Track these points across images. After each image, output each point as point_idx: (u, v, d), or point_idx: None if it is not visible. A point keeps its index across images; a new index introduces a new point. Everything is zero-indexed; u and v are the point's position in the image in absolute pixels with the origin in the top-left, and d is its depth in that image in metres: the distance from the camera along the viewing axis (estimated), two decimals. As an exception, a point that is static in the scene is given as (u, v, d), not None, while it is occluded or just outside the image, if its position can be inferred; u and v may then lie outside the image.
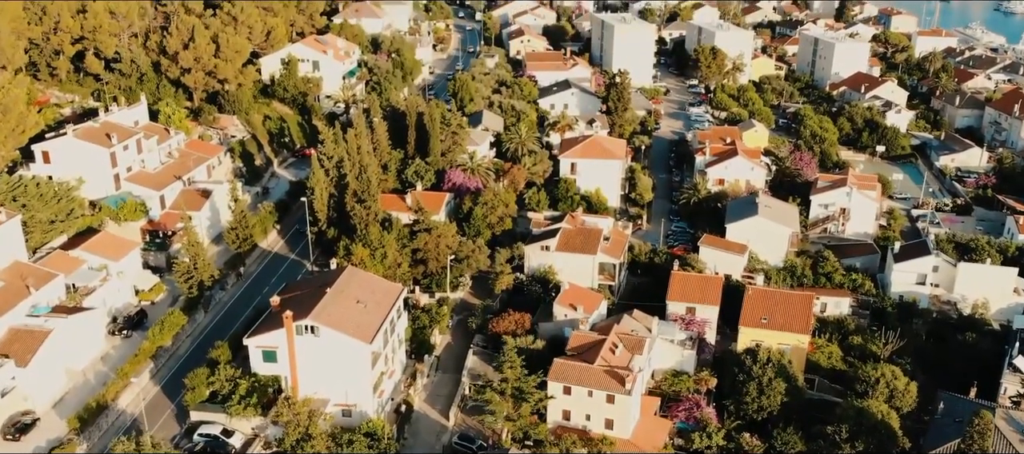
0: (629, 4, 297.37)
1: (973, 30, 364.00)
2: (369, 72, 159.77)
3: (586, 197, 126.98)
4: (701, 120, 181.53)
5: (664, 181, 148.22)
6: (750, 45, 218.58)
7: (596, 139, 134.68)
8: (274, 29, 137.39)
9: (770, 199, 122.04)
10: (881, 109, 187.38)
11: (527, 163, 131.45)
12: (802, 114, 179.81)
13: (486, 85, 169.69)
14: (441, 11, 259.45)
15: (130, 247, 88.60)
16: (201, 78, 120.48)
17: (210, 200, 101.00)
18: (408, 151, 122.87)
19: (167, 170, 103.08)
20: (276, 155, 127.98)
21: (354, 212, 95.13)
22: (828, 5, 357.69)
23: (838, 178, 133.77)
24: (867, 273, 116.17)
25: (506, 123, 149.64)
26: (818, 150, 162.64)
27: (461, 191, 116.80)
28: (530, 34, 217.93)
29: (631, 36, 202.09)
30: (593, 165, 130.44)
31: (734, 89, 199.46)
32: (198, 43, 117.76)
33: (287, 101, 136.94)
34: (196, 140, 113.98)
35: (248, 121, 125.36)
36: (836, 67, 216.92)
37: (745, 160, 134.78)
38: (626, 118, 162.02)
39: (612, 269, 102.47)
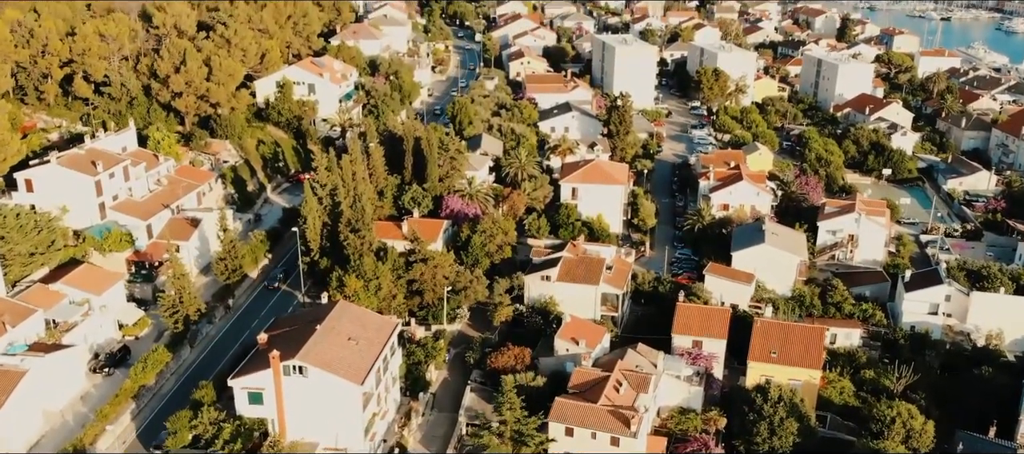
0: (630, 25, 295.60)
1: (975, 50, 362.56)
2: (366, 95, 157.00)
3: (587, 223, 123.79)
4: (704, 143, 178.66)
5: (667, 206, 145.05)
6: (753, 66, 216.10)
7: (597, 164, 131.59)
8: (269, 52, 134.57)
9: (777, 226, 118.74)
10: (887, 131, 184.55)
11: (527, 188, 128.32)
12: (807, 137, 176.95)
13: (485, 108, 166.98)
14: (441, 32, 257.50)
15: (113, 280, 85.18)
16: (193, 102, 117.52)
17: (199, 229, 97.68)
18: (405, 176, 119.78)
19: (155, 198, 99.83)
20: (269, 181, 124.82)
21: (348, 242, 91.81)
22: (829, 24, 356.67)
23: (846, 204, 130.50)
24: (877, 302, 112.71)
25: (506, 147, 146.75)
26: (824, 174, 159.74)
27: (459, 218, 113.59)
28: (530, 56, 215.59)
29: (632, 58, 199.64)
30: (594, 190, 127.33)
31: (737, 111, 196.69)
32: (190, 66, 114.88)
33: (281, 125, 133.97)
34: (186, 166, 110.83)
35: (241, 146, 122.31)
36: (840, 88, 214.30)
37: (750, 185, 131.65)
38: (628, 141, 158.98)
39: (615, 300, 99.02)
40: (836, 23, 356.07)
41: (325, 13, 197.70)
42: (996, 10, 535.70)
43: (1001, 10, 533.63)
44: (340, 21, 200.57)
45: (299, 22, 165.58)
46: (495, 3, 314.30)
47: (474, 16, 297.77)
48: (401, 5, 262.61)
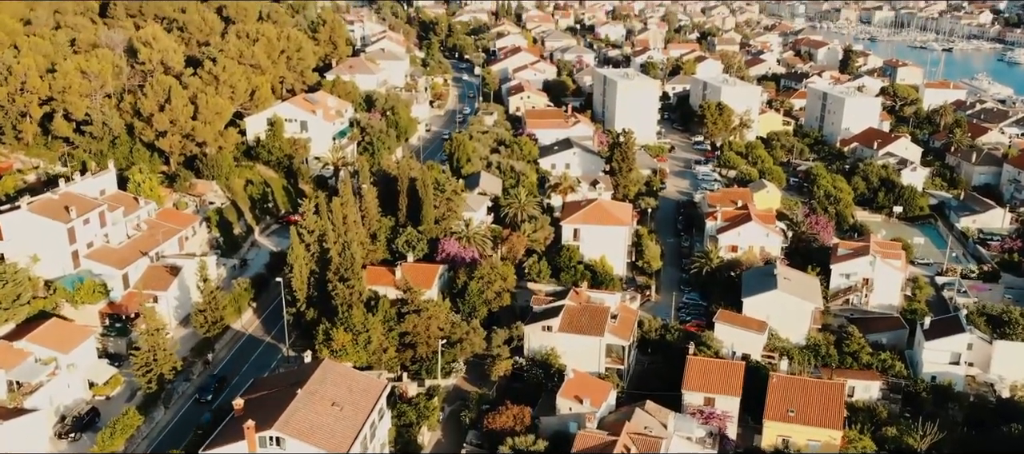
0: (631, 58, 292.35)
1: (979, 81, 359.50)
2: (361, 132, 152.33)
3: (590, 266, 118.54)
4: (709, 179, 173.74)
5: (672, 246, 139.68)
6: (757, 100, 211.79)
7: (600, 203, 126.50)
8: (259, 88, 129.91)
9: (789, 270, 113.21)
10: (896, 167, 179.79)
11: (527, 230, 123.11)
12: (814, 173, 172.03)
13: (484, 144, 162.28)
14: (439, 66, 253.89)
15: (84, 335, 79.52)
16: (177, 141, 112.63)
17: (179, 277, 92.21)
18: (399, 218, 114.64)
19: (133, 245, 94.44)
20: (258, 222, 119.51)
21: (336, 292, 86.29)
22: (832, 56, 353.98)
23: (860, 245, 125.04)
24: (895, 350, 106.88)
25: (505, 185, 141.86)
26: (833, 212, 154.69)
27: (456, 262, 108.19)
28: (530, 90, 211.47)
29: (634, 92, 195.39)
30: (597, 231, 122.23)
31: (742, 146, 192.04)
32: (175, 104, 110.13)
33: (272, 164, 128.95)
34: (169, 209, 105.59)
35: (228, 186, 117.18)
36: (846, 122, 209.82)
37: (759, 226, 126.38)
38: (631, 179, 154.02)
39: (621, 351, 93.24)
40: (838, 55, 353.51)
41: (321, 47, 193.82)
42: (998, 41, 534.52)
43: (1002, 40, 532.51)
44: (336, 55, 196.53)
45: (293, 57, 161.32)
46: (495, 36, 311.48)
47: (473, 49, 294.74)
48: (399, 39, 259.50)
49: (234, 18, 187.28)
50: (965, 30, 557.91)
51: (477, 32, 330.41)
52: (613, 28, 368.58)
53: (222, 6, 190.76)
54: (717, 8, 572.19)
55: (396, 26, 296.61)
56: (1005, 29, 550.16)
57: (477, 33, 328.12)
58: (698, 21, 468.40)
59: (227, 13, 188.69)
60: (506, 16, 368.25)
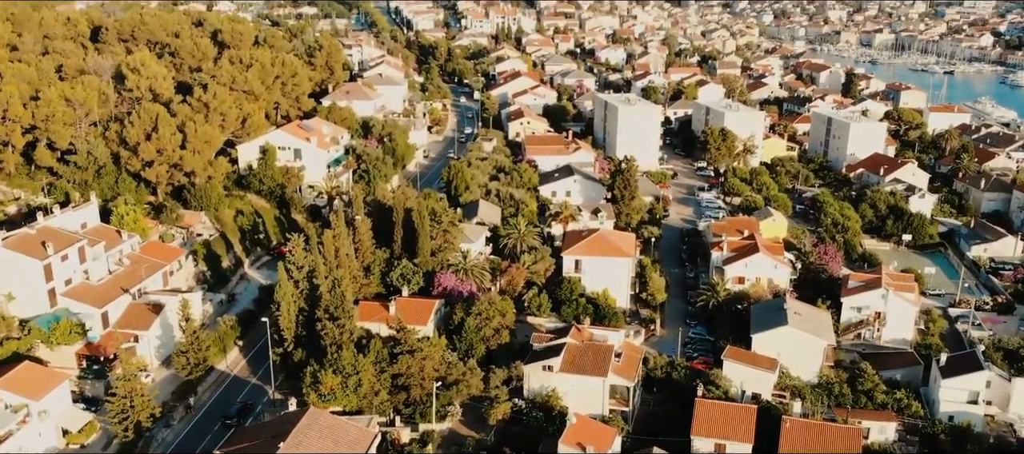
0: (631, 82, 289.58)
1: (983, 104, 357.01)
2: (357, 159, 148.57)
3: (592, 299, 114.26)
4: (713, 206, 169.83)
5: (676, 276, 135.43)
6: (761, 126, 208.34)
7: (602, 234, 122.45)
8: (251, 116, 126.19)
9: (799, 304, 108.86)
10: (904, 194, 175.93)
11: (526, 261, 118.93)
12: (821, 200, 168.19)
13: (483, 171, 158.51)
14: (438, 91, 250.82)
15: (57, 381, 75.07)
16: (164, 171, 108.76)
17: (161, 315, 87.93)
18: (394, 250, 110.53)
19: (113, 281, 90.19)
20: (248, 254, 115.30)
21: (325, 331, 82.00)
22: (834, 79, 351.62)
23: (871, 277, 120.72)
24: (909, 388, 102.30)
25: (504, 214, 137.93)
26: (841, 240, 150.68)
27: (453, 297, 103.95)
28: (530, 115, 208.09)
29: (636, 118, 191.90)
30: (599, 263, 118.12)
31: (746, 172, 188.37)
32: (162, 133, 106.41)
33: (264, 193, 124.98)
34: (154, 242, 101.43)
35: (217, 217, 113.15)
36: (852, 148, 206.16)
37: (767, 257, 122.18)
38: (633, 207, 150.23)
39: (626, 392, 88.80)
40: (841, 78, 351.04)
41: (317, 72, 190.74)
42: (999, 63, 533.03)
43: (1004, 63, 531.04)
44: (333, 80, 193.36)
45: (288, 83, 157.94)
46: (494, 60, 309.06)
47: (473, 73, 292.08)
48: (398, 63, 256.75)
49: (229, 43, 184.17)
50: (966, 53, 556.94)
51: (477, 56, 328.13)
52: (613, 52, 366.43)
53: (217, 31, 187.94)
54: (717, 31, 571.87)
55: (395, 50, 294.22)
56: (1006, 51, 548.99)
57: (477, 57, 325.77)
58: (699, 44, 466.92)
59: (222, 38, 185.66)
60: (506, 40, 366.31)
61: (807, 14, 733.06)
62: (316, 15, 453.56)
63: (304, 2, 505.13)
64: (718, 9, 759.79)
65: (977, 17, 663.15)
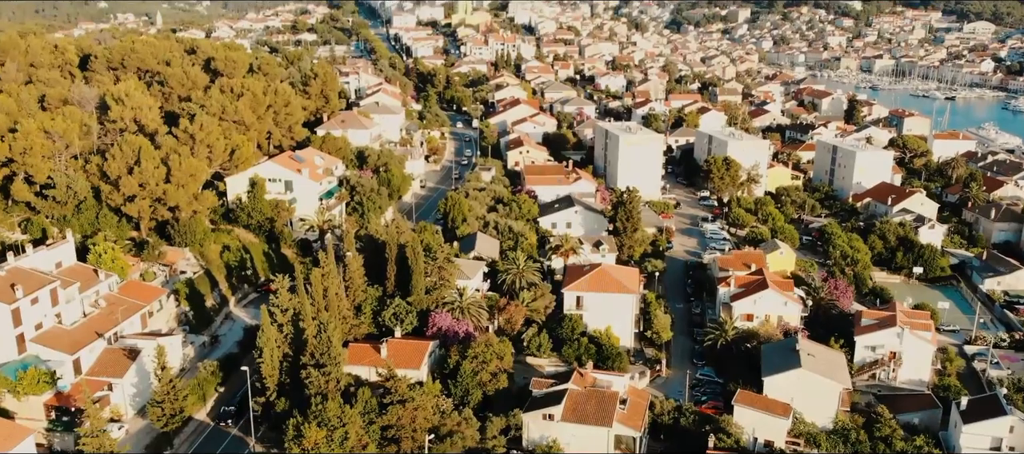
0: (632, 110, 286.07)
1: (986, 131, 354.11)
2: (350, 191, 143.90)
3: (594, 337, 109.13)
4: (717, 237, 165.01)
5: (681, 312, 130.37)
6: (765, 155, 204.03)
7: (605, 269, 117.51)
8: (239, 147, 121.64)
9: (812, 345, 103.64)
10: (913, 225, 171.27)
11: (526, 298, 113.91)
12: (829, 232, 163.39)
13: (481, 203, 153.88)
14: (436, 119, 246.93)
15: (22, 436, 69.34)
16: (147, 206, 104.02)
17: (138, 361, 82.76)
18: (387, 288, 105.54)
19: (87, 325, 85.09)
20: (234, 292, 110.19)
21: (310, 380, 76.84)
22: (836, 106, 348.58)
23: (885, 315, 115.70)
24: (928, 432, 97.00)
25: (503, 247, 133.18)
26: (850, 274, 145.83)
27: (448, 337, 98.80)
28: (529, 144, 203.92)
29: (637, 148, 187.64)
30: (602, 300, 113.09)
31: (750, 202, 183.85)
32: (145, 166, 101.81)
33: (252, 227, 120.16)
34: (134, 282, 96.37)
35: (202, 254, 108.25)
36: (858, 177, 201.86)
37: (777, 293, 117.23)
38: (636, 239, 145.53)
39: (631, 443, 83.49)
40: (843, 105, 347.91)
41: (312, 101, 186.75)
42: (1000, 89, 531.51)
43: (1005, 89, 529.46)
44: (328, 109, 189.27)
45: (280, 112, 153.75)
46: (493, 88, 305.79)
47: (471, 101, 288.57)
48: (395, 91, 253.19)
49: (222, 71, 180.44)
50: (967, 78, 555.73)
51: (476, 83, 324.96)
52: (613, 79, 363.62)
53: (210, 59, 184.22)
54: (717, 58, 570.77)
55: (393, 78, 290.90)
56: (1007, 77, 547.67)
57: (476, 84, 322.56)
58: (699, 71, 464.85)
59: (215, 66, 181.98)
60: (505, 67, 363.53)
61: (806, 40, 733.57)
62: (315, 42, 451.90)
63: (304, 29, 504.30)
64: (717, 35, 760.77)
65: (977, 42, 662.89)
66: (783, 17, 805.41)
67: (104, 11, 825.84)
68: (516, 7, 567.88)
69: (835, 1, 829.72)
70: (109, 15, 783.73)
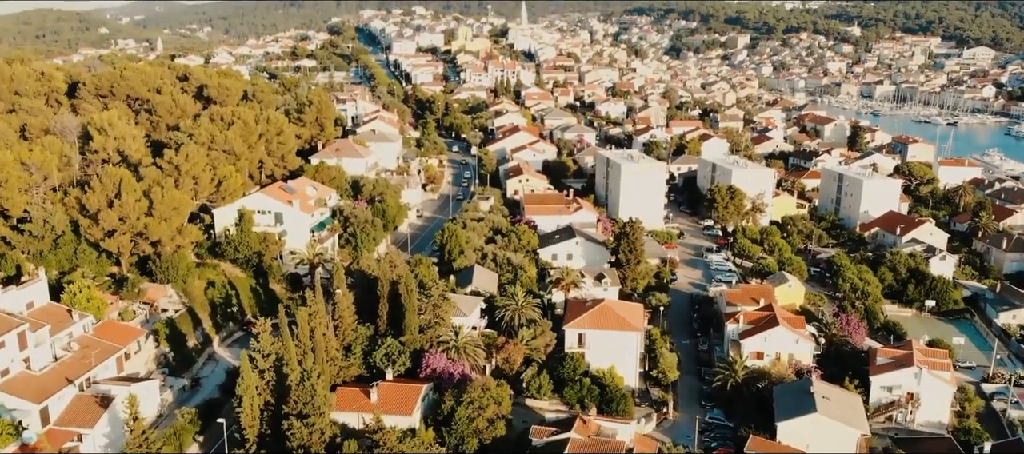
0: (633, 137, 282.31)
1: (991, 157, 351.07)
2: (344, 222, 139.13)
3: (597, 378, 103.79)
4: (722, 269, 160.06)
5: (688, 348, 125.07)
6: (771, 183, 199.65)
7: (608, 305, 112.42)
8: (227, 178, 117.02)
9: (827, 387, 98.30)
10: (924, 256, 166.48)
11: (525, 336, 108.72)
12: (837, 263, 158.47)
13: (479, 234, 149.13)
14: (434, 147, 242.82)
15: (-23, 494, 64.61)
16: (127, 241, 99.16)
17: (111, 409, 77.46)
18: (379, 326, 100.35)
19: (58, 370, 79.79)
20: (218, 331, 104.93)
21: (293, 432, 71.57)
22: (839, 132, 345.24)
23: (902, 353, 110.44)
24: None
25: (501, 281, 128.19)
26: (861, 307, 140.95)
27: (443, 380, 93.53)
28: (529, 172, 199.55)
29: (639, 177, 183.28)
30: (605, 338, 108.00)
31: (756, 232, 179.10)
32: (126, 200, 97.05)
33: (239, 262, 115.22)
34: (111, 322, 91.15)
35: (185, 290, 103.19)
36: (865, 205, 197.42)
37: (788, 330, 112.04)
38: (639, 271, 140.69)
39: (637, 497, 78.01)
40: (846, 131, 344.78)
41: (306, 129, 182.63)
42: (1002, 114, 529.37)
43: (1007, 114, 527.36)
44: (323, 137, 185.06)
45: (272, 141, 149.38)
46: (493, 115, 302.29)
47: (470, 128, 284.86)
48: (393, 119, 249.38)
49: (215, 98, 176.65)
50: (969, 104, 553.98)
51: (475, 110, 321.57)
52: (614, 105, 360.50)
53: (203, 86, 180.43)
54: (717, 84, 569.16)
55: (391, 105, 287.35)
56: (1009, 102, 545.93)
57: (475, 111, 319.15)
58: (699, 97, 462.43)
59: (208, 93, 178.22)
60: (505, 93, 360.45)
61: (806, 66, 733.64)
62: (315, 68, 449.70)
63: (303, 55, 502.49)
64: (717, 61, 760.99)
65: (977, 68, 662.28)
66: (782, 43, 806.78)
67: (105, 37, 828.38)
68: (516, 33, 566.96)
69: (835, 26, 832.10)
70: (110, 41, 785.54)
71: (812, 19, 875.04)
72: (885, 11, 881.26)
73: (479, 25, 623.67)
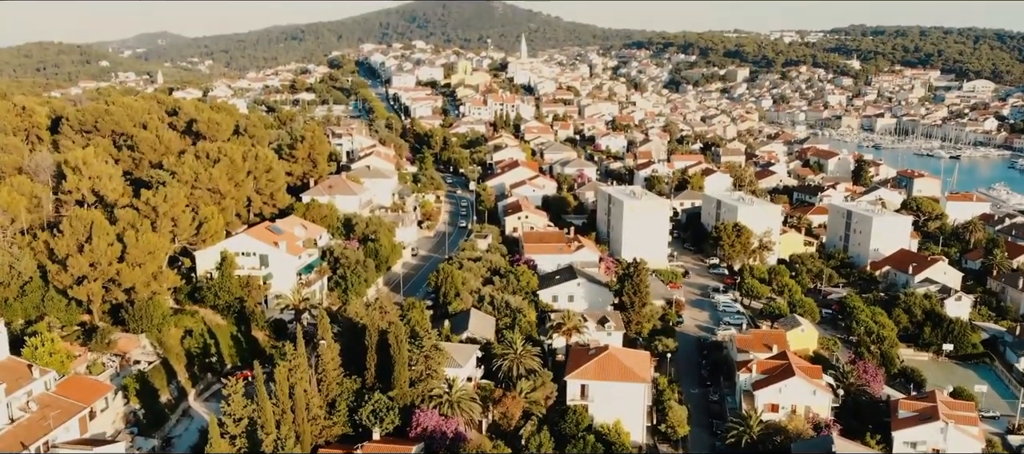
0: (634, 171, 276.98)
1: (998, 191, 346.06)
2: (333, 264, 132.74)
3: (602, 434, 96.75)
4: (731, 311, 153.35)
5: (697, 398, 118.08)
6: (778, 220, 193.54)
7: (613, 354, 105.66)
8: (208, 219, 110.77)
9: (849, 444, 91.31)
10: (939, 296, 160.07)
11: (524, 388, 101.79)
12: (850, 304, 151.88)
13: (475, 275, 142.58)
14: (431, 182, 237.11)
15: None
16: (98, 288, 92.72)
17: (68, 478, 70.72)
18: (367, 379, 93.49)
19: (13, 433, 72.85)
20: (194, 384, 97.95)
21: (267, 505, 64.73)
22: (843, 166, 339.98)
23: (925, 406, 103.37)
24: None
25: (499, 326, 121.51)
26: (876, 351, 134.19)
27: (434, 440, 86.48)
28: (528, 209, 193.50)
29: (643, 214, 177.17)
30: (610, 389, 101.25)
31: (763, 271, 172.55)
32: (97, 244, 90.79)
33: (220, 308, 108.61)
34: (76, 377, 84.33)
35: (160, 340, 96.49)
36: (875, 243, 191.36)
37: (804, 382, 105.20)
38: (644, 314, 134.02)
39: None
40: (850, 165, 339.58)
41: (298, 165, 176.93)
42: (1006, 147, 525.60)
43: (1010, 147, 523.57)
44: (316, 174, 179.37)
45: (261, 178, 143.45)
46: (491, 149, 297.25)
47: (468, 162, 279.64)
48: (389, 154, 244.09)
49: (205, 133, 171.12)
50: (971, 137, 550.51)
51: (474, 144, 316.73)
52: (614, 139, 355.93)
53: (193, 120, 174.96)
54: (718, 117, 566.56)
55: (388, 140, 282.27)
56: (1011, 135, 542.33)
57: (474, 145, 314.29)
58: (700, 130, 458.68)
59: (198, 128, 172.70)
60: (504, 127, 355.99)
61: (806, 99, 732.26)
62: (313, 102, 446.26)
63: (302, 88, 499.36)
64: (716, 95, 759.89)
65: (978, 100, 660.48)
66: (782, 76, 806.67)
67: (106, 70, 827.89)
68: (516, 67, 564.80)
69: (834, 60, 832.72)
70: (111, 74, 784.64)
71: (811, 52, 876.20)
72: (884, 44, 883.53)
73: (479, 59, 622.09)
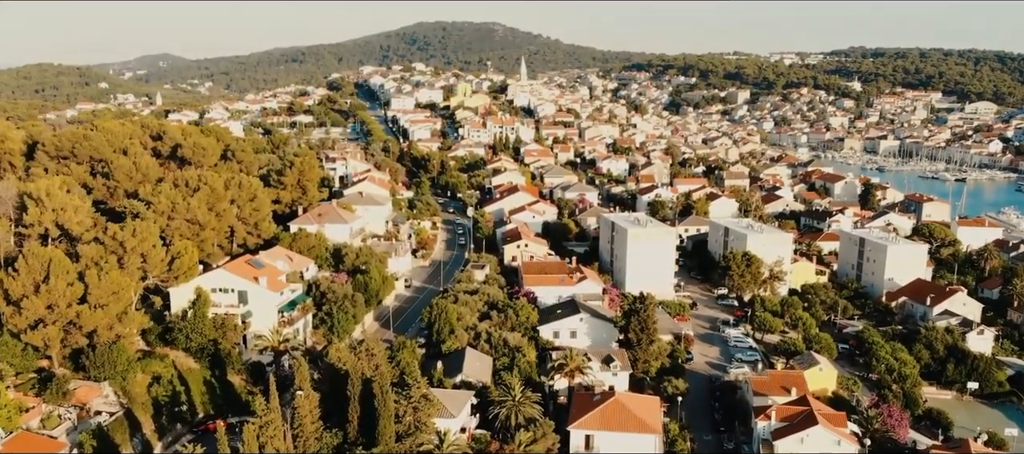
0: (637, 196, 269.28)
1: (1007, 215, 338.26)
2: (319, 299, 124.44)
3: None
4: (743, 346, 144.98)
5: (710, 445, 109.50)
6: (789, 249, 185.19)
7: (620, 401, 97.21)
8: (181, 255, 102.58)
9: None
10: (961, 330, 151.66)
11: (523, 439, 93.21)
12: (869, 340, 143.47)
13: (472, 309, 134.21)
14: (427, 208, 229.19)
15: None
16: (56, 332, 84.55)
17: None
18: (349, 432, 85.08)
19: (-59, 505, 65.01)
20: (161, 436, 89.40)
21: None
22: (850, 190, 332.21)
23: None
24: None
25: (496, 366, 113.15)
26: (899, 391, 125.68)
27: (423, 501, 78.11)
28: (528, 236, 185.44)
29: (648, 242, 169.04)
30: (617, 441, 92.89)
31: (775, 302, 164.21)
32: (54, 284, 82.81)
33: (193, 351, 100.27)
34: (25, 435, 75.84)
35: (123, 389, 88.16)
36: (890, 272, 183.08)
37: (828, 431, 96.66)
38: (651, 352, 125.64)
39: None
40: (856, 189, 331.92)
41: (286, 192, 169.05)
42: (1011, 170, 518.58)
43: (1016, 170, 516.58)
44: (305, 201, 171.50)
45: (245, 207, 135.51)
46: (490, 173, 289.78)
47: (466, 187, 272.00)
48: (384, 179, 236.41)
49: (190, 158, 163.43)
50: (976, 160, 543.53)
51: (473, 167, 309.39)
52: (615, 162, 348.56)
53: (177, 145, 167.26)
54: (719, 139, 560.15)
55: (383, 164, 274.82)
56: (1016, 157, 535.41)
57: (473, 168, 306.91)
58: (702, 153, 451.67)
59: (182, 153, 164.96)
60: (504, 150, 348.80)
61: (808, 121, 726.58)
62: (311, 124, 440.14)
63: (300, 110, 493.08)
64: (717, 117, 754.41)
65: (980, 122, 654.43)
66: (783, 98, 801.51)
67: (105, 92, 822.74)
68: (515, 90, 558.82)
69: (835, 81, 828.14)
70: (110, 95, 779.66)
71: (812, 74, 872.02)
72: (884, 66, 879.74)
73: (478, 81, 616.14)
